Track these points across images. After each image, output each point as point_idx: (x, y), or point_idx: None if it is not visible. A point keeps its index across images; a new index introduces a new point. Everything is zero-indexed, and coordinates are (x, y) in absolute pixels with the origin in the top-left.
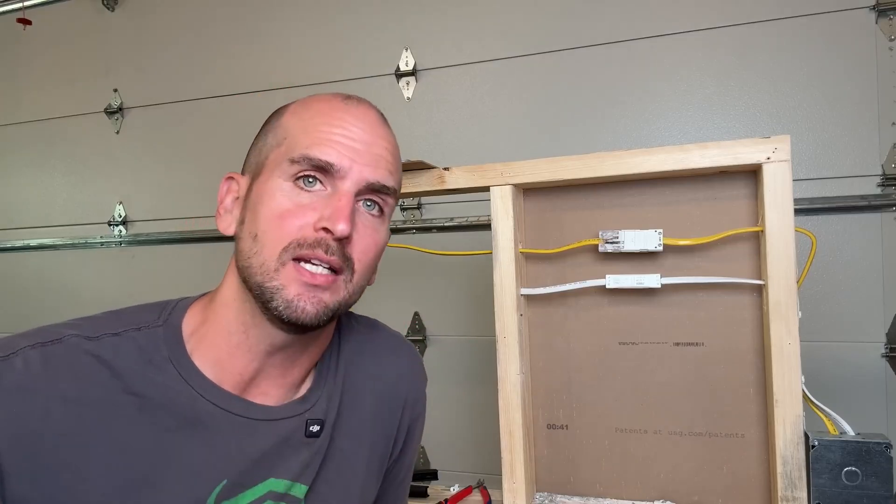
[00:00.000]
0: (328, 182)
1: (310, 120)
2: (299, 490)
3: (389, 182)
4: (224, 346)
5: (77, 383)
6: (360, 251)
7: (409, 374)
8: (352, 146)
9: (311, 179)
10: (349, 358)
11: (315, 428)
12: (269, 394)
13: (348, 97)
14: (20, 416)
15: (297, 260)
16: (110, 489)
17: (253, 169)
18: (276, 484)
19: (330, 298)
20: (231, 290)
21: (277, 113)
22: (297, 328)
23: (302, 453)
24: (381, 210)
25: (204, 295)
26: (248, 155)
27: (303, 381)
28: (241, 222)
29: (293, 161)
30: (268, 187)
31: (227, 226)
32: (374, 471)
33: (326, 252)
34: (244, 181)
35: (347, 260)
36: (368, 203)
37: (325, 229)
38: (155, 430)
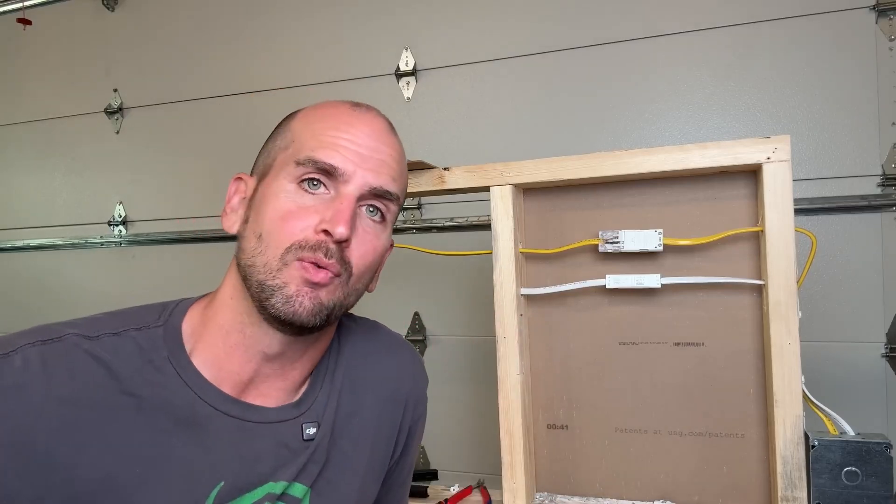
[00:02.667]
0: (332, 186)
1: (317, 124)
2: (298, 490)
3: (392, 188)
4: (222, 346)
5: (74, 383)
6: (359, 255)
7: (411, 375)
8: (357, 151)
9: (315, 182)
10: (350, 359)
11: (311, 430)
12: (268, 395)
13: (357, 104)
14: (15, 414)
15: (302, 261)
16: (104, 490)
17: (261, 170)
18: (274, 487)
19: (326, 297)
20: (231, 288)
21: (288, 117)
22: (292, 327)
23: (300, 456)
24: (382, 216)
25: (204, 296)
26: (257, 157)
27: (303, 383)
28: (245, 221)
29: (298, 163)
30: (273, 189)
31: (232, 224)
32: (376, 471)
33: (326, 255)
34: (252, 182)
35: (345, 264)
36: (371, 209)
37: (326, 231)
38: (152, 432)
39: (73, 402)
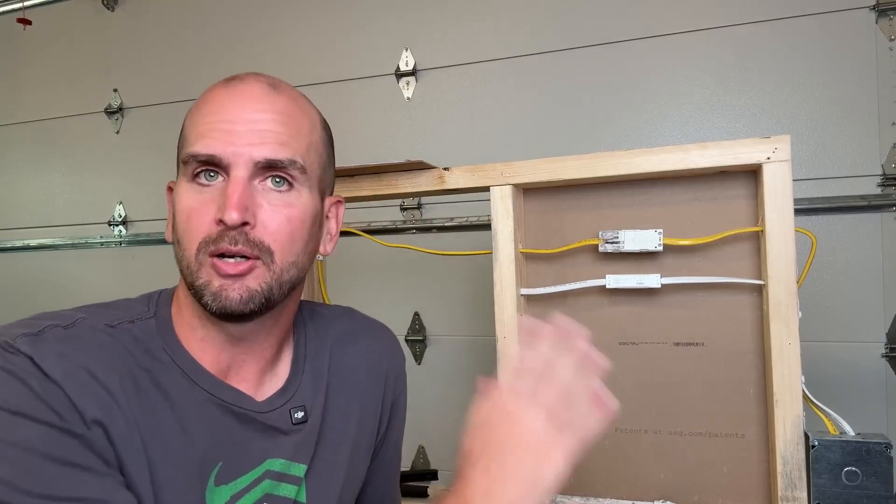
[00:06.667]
0: (223, 172)
1: (197, 113)
2: (298, 469)
3: (281, 154)
4: (194, 341)
5: (106, 353)
6: (273, 231)
7: (389, 351)
8: (232, 130)
9: (211, 174)
10: (329, 343)
11: (299, 415)
12: (249, 379)
13: (232, 78)
14: (72, 374)
15: (213, 255)
16: (140, 454)
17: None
18: (272, 464)
19: (255, 283)
20: (183, 290)
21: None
22: (230, 317)
23: (293, 437)
24: (289, 184)
25: (176, 288)
26: None
27: (276, 358)
28: (173, 229)
29: (185, 162)
30: (178, 191)
31: (168, 234)
32: (364, 448)
33: (231, 244)
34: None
35: (257, 244)
36: (276, 179)
37: (222, 221)
38: (167, 406)
39: (110, 369)
